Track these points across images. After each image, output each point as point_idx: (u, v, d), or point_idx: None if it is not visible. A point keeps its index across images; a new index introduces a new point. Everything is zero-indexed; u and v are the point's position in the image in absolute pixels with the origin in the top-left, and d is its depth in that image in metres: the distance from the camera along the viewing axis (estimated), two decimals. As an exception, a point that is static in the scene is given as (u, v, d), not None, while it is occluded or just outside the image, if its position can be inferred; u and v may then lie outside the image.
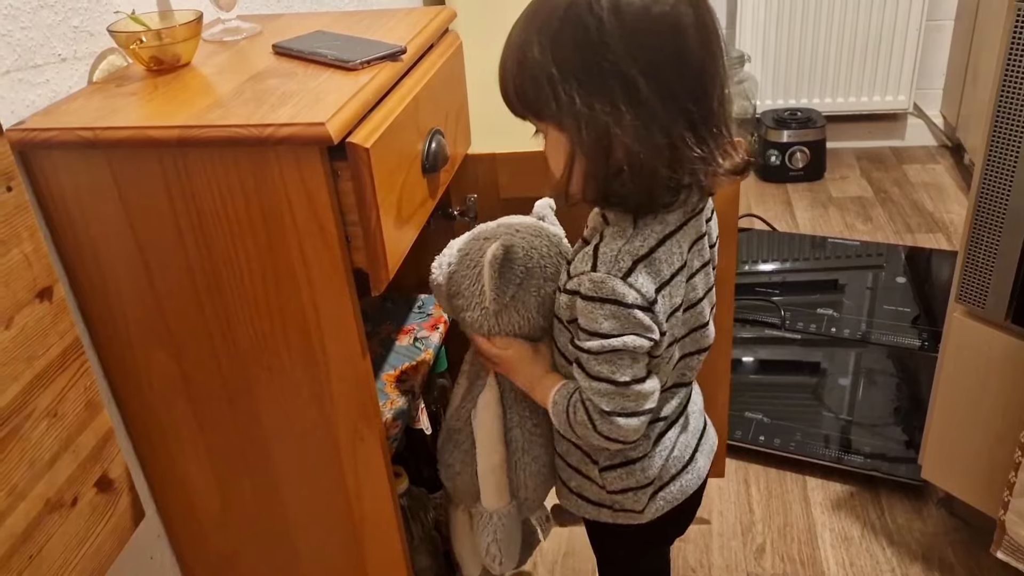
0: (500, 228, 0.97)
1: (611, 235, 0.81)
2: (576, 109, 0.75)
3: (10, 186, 0.67)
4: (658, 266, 0.81)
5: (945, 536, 1.52)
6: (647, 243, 0.80)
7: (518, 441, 1.03)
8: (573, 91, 0.74)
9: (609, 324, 0.80)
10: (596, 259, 0.80)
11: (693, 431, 1.00)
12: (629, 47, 0.73)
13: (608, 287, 0.79)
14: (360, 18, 1.09)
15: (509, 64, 0.79)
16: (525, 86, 0.78)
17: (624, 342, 0.80)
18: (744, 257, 2.39)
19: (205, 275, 0.84)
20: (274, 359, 0.88)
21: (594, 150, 0.77)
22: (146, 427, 0.94)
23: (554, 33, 0.75)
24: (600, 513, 0.98)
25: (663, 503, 0.97)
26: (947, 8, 2.83)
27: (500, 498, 1.04)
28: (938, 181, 2.81)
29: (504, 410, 1.01)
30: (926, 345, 1.96)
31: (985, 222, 1.23)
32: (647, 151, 0.75)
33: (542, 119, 0.80)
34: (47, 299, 0.72)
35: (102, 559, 0.79)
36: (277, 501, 0.98)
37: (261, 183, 0.78)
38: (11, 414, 0.67)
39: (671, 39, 0.74)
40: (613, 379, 0.82)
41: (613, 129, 0.75)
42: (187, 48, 0.92)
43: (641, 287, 0.79)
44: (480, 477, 1.03)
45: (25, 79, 0.81)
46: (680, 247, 0.83)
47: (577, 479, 0.99)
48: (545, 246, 0.95)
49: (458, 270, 0.97)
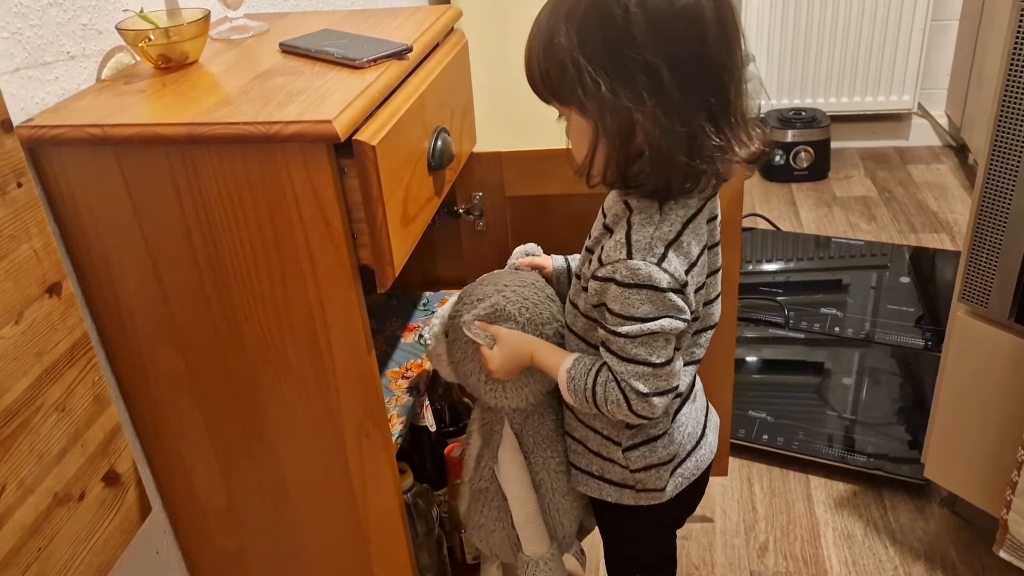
0: (489, 288, 1.00)
1: (640, 222, 0.84)
2: (600, 95, 0.78)
3: (20, 182, 0.68)
4: (686, 248, 0.84)
5: (948, 535, 1.52)
6: (674, 228, 0.84)
7: (547, 484, 1.05)
8: (598, 78, 0.77)
9: (646, 308, 0.83)
10: (630, 246, 0.83)
11: (700, 407, 1.03)
12: (654, 38, 0.76)
13: (645, 273, 0.82)
14: (366, 16, 1.10)
15: (536, 49, 0.82)
16: (551, 71, 0.81)
17: (661, 325, 0.83)
18: (748, 256, 2.39)
19: (212, 271, 0.84)
20: (280, 355, 0.88)
21: (616, 135, 0.80)
22: (153, 422, 0.95)
23: (581, 20, 0.77)
24: (623, 495, 1.00)
25: (681, 479, 1.00)
26: (952, 8, 2.82)
27: (542, 543, 1.06)
28: (942, 181, 2.81)
29: (526, 457, 1.03)
30: (930, 345, 1.96)
31: (988, 221, 1.23)
32: (667, 138, 0.78)
33: (566, 104, 0.83)
34: (56, 294, 0.72)
35: (109, 553, 0.80)
36: (283, 497, 0.99)
37: (268, 180, 0.78)
38: (21, 408, 0.68)
39: (693, 32, 0.77)
40: (650, 361, 0.85)
41: (635, 116, 0.78)
42: (195, 46, 0.93)
43: (675, 271, 0.82)
44: (519, 528, 1.05)
45: (35, 76, 0.82)
46: (700, 229, 0.86)
47: (599, 462, 1.00)
48: (534, 294, 0.98)
49: (458, 338, 0.99)
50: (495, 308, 0.96)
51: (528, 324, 0.96)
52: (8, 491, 0.67)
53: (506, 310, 0.95)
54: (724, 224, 1.25)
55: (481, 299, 0.98)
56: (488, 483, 1.06)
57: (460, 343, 0.99)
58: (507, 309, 0.95)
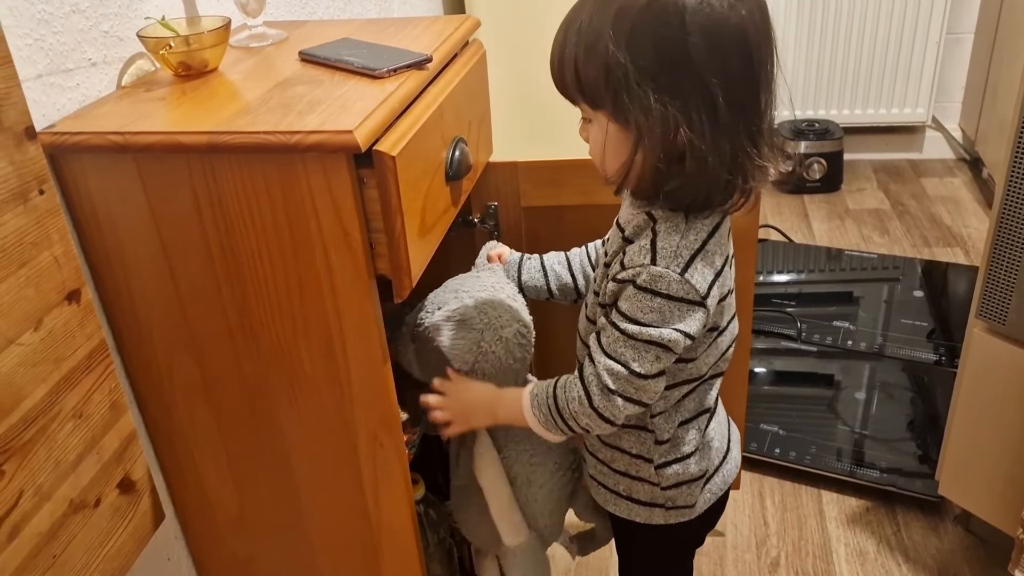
0: (448, 294, 1.03)
1: (666, 230, 0.83)
2: (648, 106, 0.75)
3: (42, 189, 0.68)
4: (711, 258, 0.83)
5: (961, 553, 1.51)
6: (699, 237, 0.83)
7: (522, 476, 1.07)
8: (648, 88, 0.75)
9: (652, 316, 0.82)
10: (655, 253, 0.82)
11: (723, 421, 1.03)
12: (709, 54, 0.74)
13: (665, 281, 0.81)
14: (385, 26, 1.10)
15: (574, 49, 0.78)
16: (591, 74, 0.78)
17: (661, 334, 0.82)
18: (760, 268, 2.38)
19: (229, 279, 0.84)
20: (296, 364, 0.88)
21: (660, 147, 0.78)
22: (167, 429, 0.95)
23: (633, 27, 0.74)
24: (653, 514, 0.99)
25: (710, 495, 1.00)
26: (967, 21, 2.82)
27: (518, 533, 1.08)
28: (956, 195, 2.79)
29: (500, 451, 1.06)
30: (942, 359, 1.95)
31: (1007, 238, 1.23)
32: (713, 154, 0.77)
33: (598, 107, 0.80)
34: (75, 301, 0.72)
35: (123, 560, 0.80)
36: (295, 505, 0.98)
37: (287, 189, 0.78)
38: (39, 414, 0.68)
39: (744, 50, 0.76)
40: (629, 365, 0.84)
41: (683, 130, 0.76)
42: (215, 54, 0.93)
43: (697, 283, 0.81)
44: (495, 519, 1.07)
45: (56, 83, 0.82)
46: (723, 238, 0.86)
47: (626, 482, 0.99)
48: (492, 297, 1.02)
49: (423, 346, 1.02)
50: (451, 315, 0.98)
51: (487, 329, 0.98)
52: (25, 498, 0.67)
53: (465, 315, 0.98)
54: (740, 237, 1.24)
55: (440, 306, 1.01)
56: (468, 479, 1.09)
57: (425, 351, 1.01)
58: (467, 314, 0.98)
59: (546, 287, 1.10)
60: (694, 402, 0.95)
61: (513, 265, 1.12)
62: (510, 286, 1.07)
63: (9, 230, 0.65)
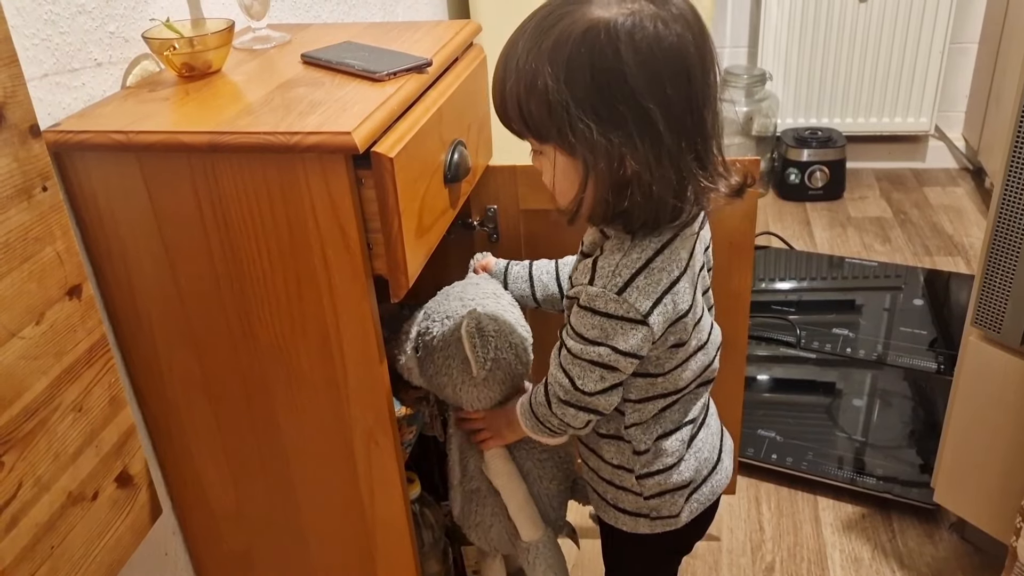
0: (452, 303, 1.05)
1: (610, 249, 0.84)
2: (592, 139, 0.75)
3: (46, 186, 0.69)
4: (657, 275, 0.82)
5: (956, 561, 1.51)
6: (644, 255, 0.82)
7: (534, 472, 1.10)
8: (589, 121, 0.74)
9: (595, 333, 0.84)
10: (594, 273, 0.83)
11: (715, 431, 1.03)
12: (645, 80, 0.73)
13: (603, 300, 0.82)
14: (387, 30, 1.12)
15: (514, 86, 0.78)
16: (533, 111, 0.77)
17: (600, 353, 0.84)
18: (761, 275, 2.39)
19: (229, 277, 0.86)
20: (293, 361, 0.89)
21: (608, 178, 0.78)
22: (166, 424, 0.96)
23: (568, 61, 0.74)
24: (638, 524, 1.00)
25: (697, 505, 1.00)
26: (971, 31, 2.82)
27: (537, 527, 1.10)
28: (958, 204, 2.80)
29: (510, 449, 1.08)
30: (943, 368, 1.95)
31: (1003, 246, 1.23)
32: (659, 182, 0.77)
33: (545, 141, 0.80)
34: (76, 296, 0.74)
35: (120, 552, 0.81)
36: (291, 502, 0.99)
37: (287, 189, 0.80)
38: (39, 407, 0.69)
39: (681, 72, 0.75)
40: (574, 383, 0.87)
41: (628, 160, 0.76)
42: (218, 55, 0.94)
43: (636, 301, 0.81)
44: (514, 517, 1.09)
45: (62, 82, 0.84)
46: (679, 254, 0.84)
47: (612, 491, 1.00)
48: (496, 305, 1.04)
49: (428, 356, 1.04)
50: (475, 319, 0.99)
51: (498, 336, 1.01)
52: (25, 488, 0.68)
53: (481, 319, 1.00)
54: (736, 243, 1.26)
55: (449, 316, 1.03)
56: (479, 482, 1.10)
57: (433, 359, 1.03)
58: (482, 318, 1.00)
59: (532, 296, 1.12)
60: (677, 413, 0.95)
61: (499, 275, 1.13)
62: (507, 294, 1.09)
63: (13, 225, 0.66)
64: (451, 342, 1.01)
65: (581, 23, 0.74)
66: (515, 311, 1.06)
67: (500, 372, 1.02)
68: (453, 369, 1.02)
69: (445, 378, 1.03)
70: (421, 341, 1.04)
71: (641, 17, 0.73)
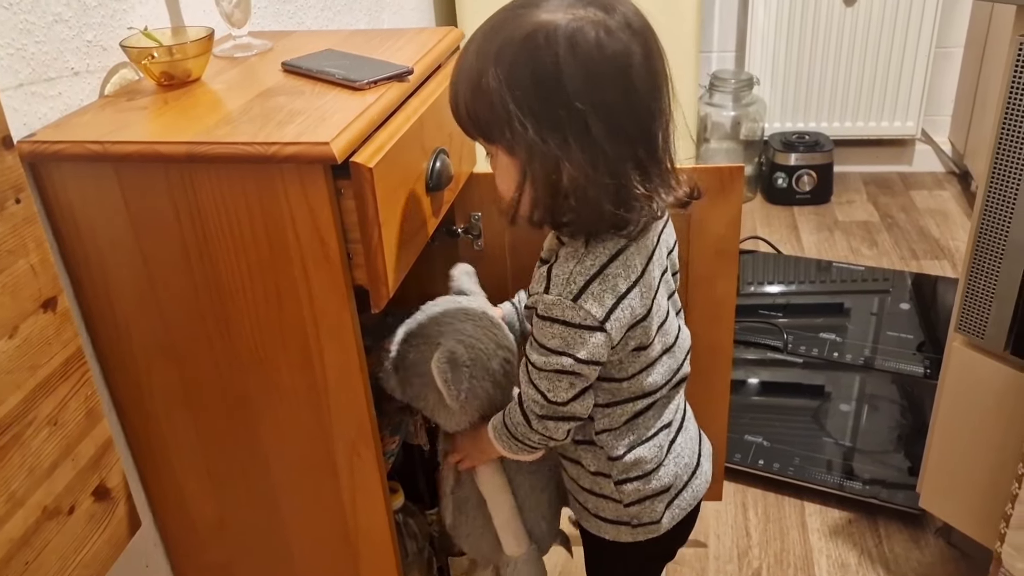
0: (431, 326, 1.03)
1: (564, 256, 0.84)
2: (529, 139, 0.76)
3: (19, 198, 0.69)
4: (612, 281, 0.83)
5: (942, 566, 1.51)
6: (598, 261, 0.83)
7: (524, 485, 1.09)
8: (527, 122, 0.76)
9: (556, 342, 0.84)
10: (549, 281, 0.84)
11: (693, 436, 1.03)
12: (583, 84, 0.75)
13: (559, 308, 0.82)
14: (370, 37, 1.11)
15: (462, 87, 0.80)
16: (479, 111, 0.80)
17: (562, 363, 0.84)
18: (748, 279, 2.39)
19: (208, 288, 0.85)
20: (274, 372, 0.89)
21: (543, 179, 0.79)
22: (146, 437, 0.95)
23: (511, 63, 0.76)
24: (620, 532, 1.00)
25: (678, 510, 1.00)
26: (957, 35, 2.84)
27: (521, 543, 1.10)
28: (945, 208, 2.81)
29: (502, 462, 1.07)
30: (929, 372, 1.96)
31: (986, 252, 1.24)
32: (593, 188, 0.78)
33: (492, 142, 0.82)
34: (51, 309, 0.73)
35: (98, 567, 0.80)
36: (273, 513, 0.99)
37: (265, 199, 0.79)
38: (13, 421, 0.68)
39: (622, 79, 0.76)
40: (547, 396, 0.88)
41: (563, 163, 0.77)
42: (198, 64, 0.94)
43: (592, 308, 0.82)
44: (499, 529, 1.09)
45: (38, 92, 0.83)
46: (633, 261, 0.85)
47: (593, 500, 1.00)
48: (478, 328, 1.02)
49: (406, 378, 1.04)
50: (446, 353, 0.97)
51: (474, 365, 0.99)
52: (-3, 505, 0.67)
53: (454, 352, 0.98)
54: (720, 249, 1.25)
55: (427, 340, 1.02)
56: (469, 493, 1.10)
57: (411, 382, 1.03)
58: (455, 350, 0.98)
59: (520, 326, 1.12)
60: (651, 419, 0.95)
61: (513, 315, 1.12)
62: (493, 311, 1.07)
63: (-15, 238, 0.65)
64: (426, 371, 0.99)
65: (527, 26, 0.75)
66: (498, 331, 1.04)
67: (476, 400, 1.02)
68: (429, 396, 1.02)
69: (423, 402, 1.04)
70: (400, 363, 1.04)
71: (585, 23, 0.75)
